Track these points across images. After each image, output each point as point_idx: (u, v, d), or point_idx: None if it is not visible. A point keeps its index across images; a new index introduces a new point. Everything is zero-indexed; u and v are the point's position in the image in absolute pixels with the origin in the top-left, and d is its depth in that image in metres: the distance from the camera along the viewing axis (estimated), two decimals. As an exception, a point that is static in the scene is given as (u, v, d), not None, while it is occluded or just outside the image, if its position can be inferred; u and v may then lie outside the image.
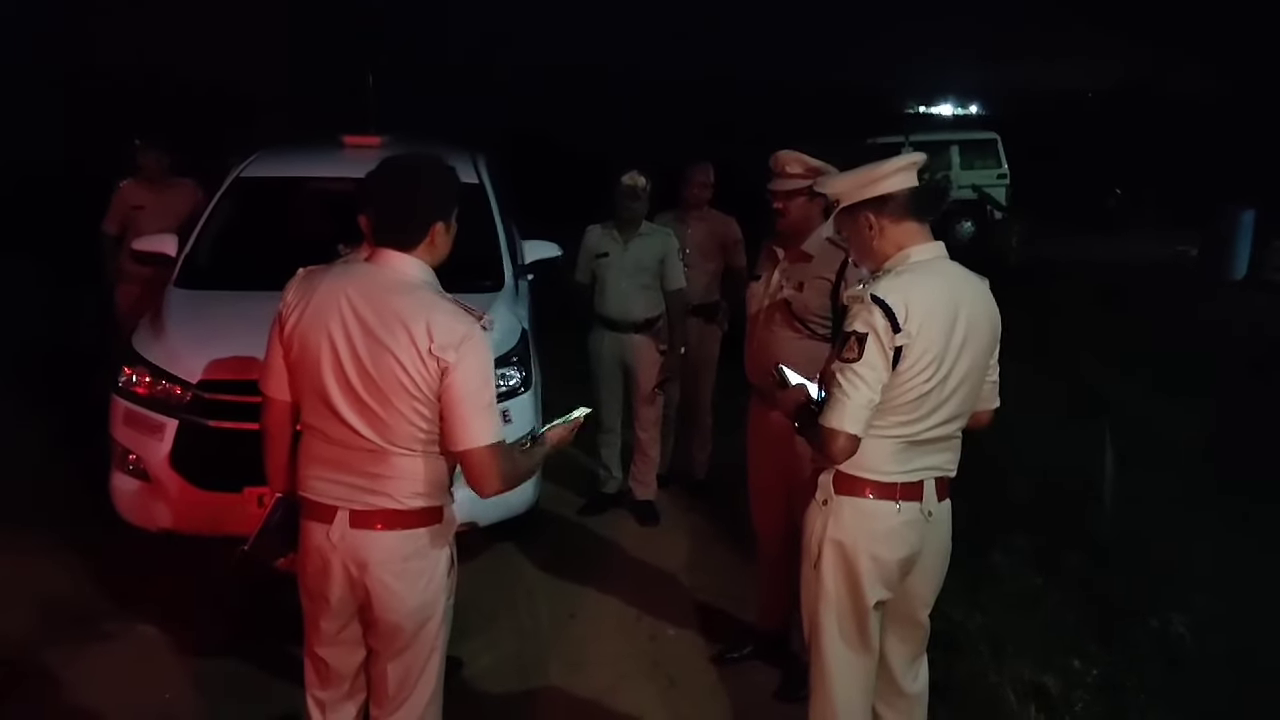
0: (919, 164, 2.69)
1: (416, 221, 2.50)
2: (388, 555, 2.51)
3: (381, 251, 2.51)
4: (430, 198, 2.54)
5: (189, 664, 4.03)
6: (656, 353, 5.34)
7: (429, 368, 2.38)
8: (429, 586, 2.58)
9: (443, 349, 2.37)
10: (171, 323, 4.61)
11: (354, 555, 2.51)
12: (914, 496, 2.67)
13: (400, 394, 2.41)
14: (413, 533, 2.52)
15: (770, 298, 3.72)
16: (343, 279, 2.49)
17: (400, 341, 2.39)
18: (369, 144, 5.98)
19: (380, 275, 2.48)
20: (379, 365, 2.40)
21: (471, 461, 2.44)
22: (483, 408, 2.43)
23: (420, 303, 2.43)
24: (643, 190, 5.22)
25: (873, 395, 2.51)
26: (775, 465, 3.84)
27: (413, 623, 2.59)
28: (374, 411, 2.43)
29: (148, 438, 4.29)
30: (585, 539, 5.27)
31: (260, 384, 2.65)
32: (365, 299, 2.44)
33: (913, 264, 2.61)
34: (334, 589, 2.57)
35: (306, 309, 2.48)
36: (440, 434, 2.45)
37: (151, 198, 6.32)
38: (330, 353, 2.44)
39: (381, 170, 2.55)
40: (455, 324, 2.41)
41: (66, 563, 4.76)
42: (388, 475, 2.48)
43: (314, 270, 2.58)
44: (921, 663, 2.95)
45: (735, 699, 3.88)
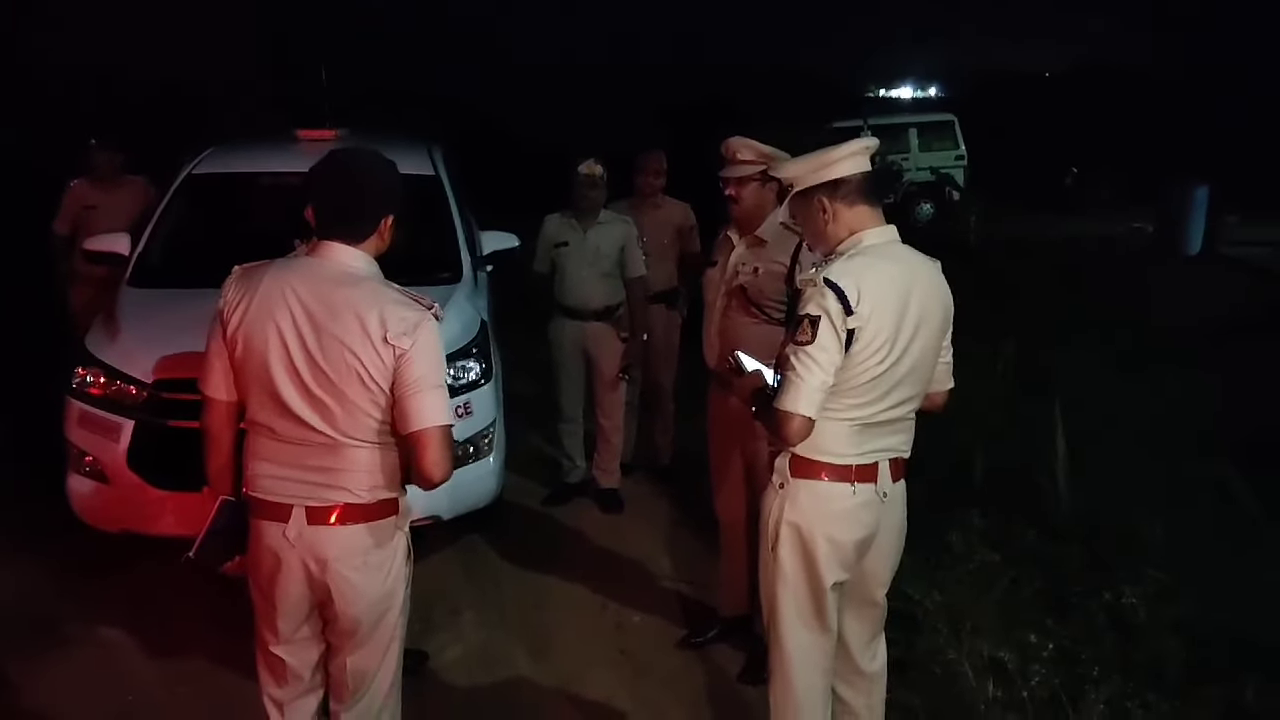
0: (871, 148, 2.72)
1: (368, 214, 2.50)
2: (348, 550, 2.50)
3: (326, 244, 2.49)
4: (380, 190, 2.54)
5: (150, 665, 4.01)
6: (618, 340, 5.35)
7: (384, 356, 2.39)
8: (389, 578, 2.58)
9: (397, 336, 2.38)
10: (125, 322, 4.56)
11: (313, 552, 2.50)
12: (869, 478, 2.70)
13: (354, 385, 2.40)
14: (372, 525, 2.52)
15: (726, 284, 3.74)
16: (285, 273, 2.47)
17: (353, 332, 2.38)
18: (324, 138, 5.93)
19: (325, 268, 2.47)
20: (331, 357, 2.40)
21: (423, 442, 2.41)
22: (434, 389, 2.43)
23: (371, 293, 2.44)
24: (600, 178, 5.22)
25: (826, 378, 2.54)
26: (735, 450, 3.88)
27: (373, 615, 2.59)
28: (327, 405, 2.42)
29: (104, 439, 4.26)
30: (550, 529, 5.28)
31: (201, 385, 2.61)
32: (312, 293, 2.43)
33: (865, 247, 2.64)
34: (292, 588, 2.55)
35: (250, 306, 2.45)
36: (393, 419, 2.45)
37: (103, 197, 6.23)
38: (279, 348, 2.42)
39: (330, 163, 2.54)
40: (407, 312, 2.42)
41: (23, 566, 4.72)
42: (343, 468, 2.47)
43: (252, 267, 2.55)
44: (879, 642, 2.99)
45: (700, 683, 3.91)
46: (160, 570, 4.56)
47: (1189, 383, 6.57)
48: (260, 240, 5.41)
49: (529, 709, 3.79)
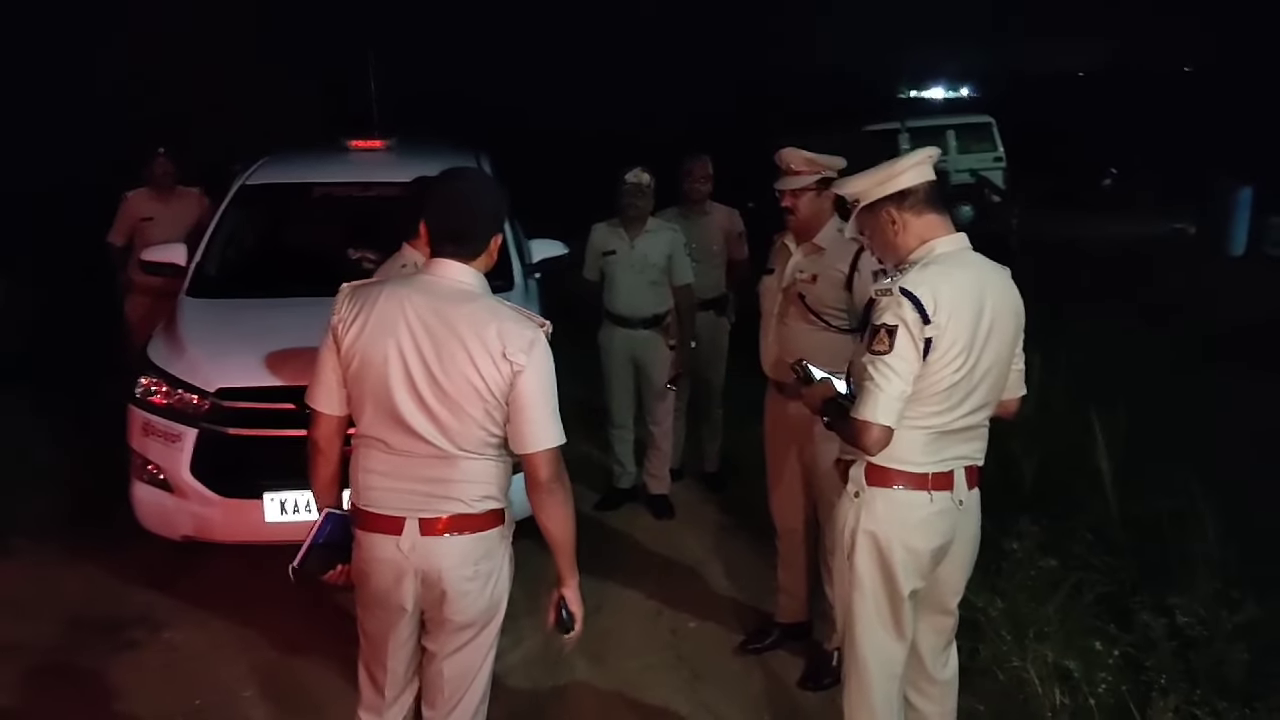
0: (934, 157, 2.73)
1: (477, 235, 2.54)
2: (461, 559, 2.55)
3: (439, 261, 2.54)
4: (491, 211, 2.59)
5: (215, 669, 4.07)
6: (666, 348, 5.37)
7: (501, 371, 2.44)
8: (496, 586, 2.64)
9: (514, 353, 2.43)
10: (186, 332, 4.64)
11: (426, 562, 2.54)
12: (945, 486, 2.71)
13: (473, 399, 2.45)
14: (483, 535, 2.57)
15: (784, 291, 3.76)
16: (402, 290, 2.52)
17: (473, 347, 2.43)
18: (374, 147, 6.00)
19: (440, 285, 2.52)
20: (450, 372, 2.44)
21: (538, 463, 2.50)
22: (550, 411, 2.50)
23: (487, 310, 2.49)
24: (647, 187, 5.23)
25: (905, 387, 2.55)
26: (792, 457, 3.89)
27: (480, 623, 2.65)
28: (442, 418, 2.47)
29: (167, 447, 4.33)
30: (603, 535, 5.30)
31: (309, 399, 2.65)
32: (430, 309, 2.47)
33: (938, 256, 2.66)
34: (406, 599, 2.59)
35: (367, 323, 2.50)
36: (508, 437, 2.51)
37: (159, 208, 6.33)
38: (399, 363, 2.46)
39: (443, 183, 2.60)
40: (523, 329, 2.47)
41: (89, 573, 4.80)
42: (455, 479, 2.52)
43: (363, 284, 2.61)
44: (951, 650, 2.99)
45: (760, 689, 3.93)
46: (222, 576, 4.66)
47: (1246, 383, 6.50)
48: (314, 250, 5.58)
49: (591, 713, 3.82)
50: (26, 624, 4.38)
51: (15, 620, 4.41)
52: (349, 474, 2.65)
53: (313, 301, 2.64)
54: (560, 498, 2.56)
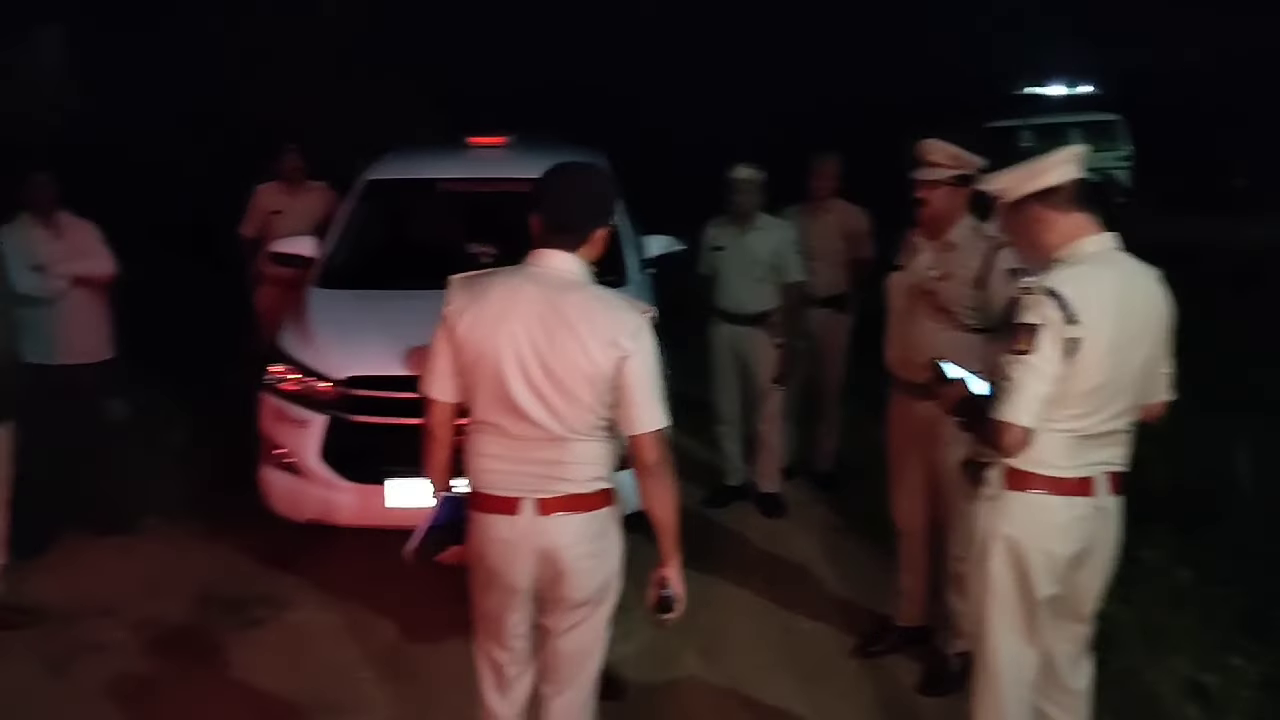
0: (1082, 155, 2.65)
1: (582, 225, 2.61)
2: (576, 537, 2.62)
3: (545, 252, 2.61)
4: (594, 203, 2.65)
5: (337, 650, 4.18)
6: (772, 346, 5.32)
7: (609, 356, 2.49)
8: (609, 564, 2.71)
9: (622, 339, 2.50)
10: (315, 322, 4.76)
11: (543, 541, 2.62)
12: (1086, 491, 2.64)
13: (582, 384, 2.51)
14: (595, 514, 2.64)
15: (913, 288, 3.69)
16: (515, 281, 2.59)
17: (583, 334, 2.50)
18: (494, 144, 6.09)
19: (548, 276, 2.58)
20: (561, 358, 2.51)
21: (644, 444, 2.56)
22: (655, 394, 2.57)
23: (595, 297, 2.56)
24: (752, 183, 5.21)
25: (1046, 388, 2.49)
26: (916, 458, 3.82)
27: (595, 600, 2.71)
28: (556, 403, 2.54)
29: (296, 432, 4.46)
30: (712, 531, 5.28)
31: (423, 387, 2.73)
32: (540, 298, 2.54)
33: (1085, 255, 2.59)
34: (523, 578, 2.67)
35: (480, 313, 2.57)
36: (616, 419, 2.57)
37: (289, 201, 6.51)
38: (511, 351, 2.53)
39: (552, 176, 2.67)
40: (629, 315, 2.55)
41: (217, 552, 4.99)
42: (567, 461, 2.59)
43: (473, 276, 2.67)
44: (1086, 659, 2.91)
45: (876, 693, 3.87)
46: (345, 560, 4.78)
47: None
48: (435, 244, 5.69)
49: (704, 709, 3.81)
50: (159, 600, 4.57)
51: (149, 596, 4.60)
52: (464, 459, 2.73)
53: (435, 294, 2.72)
54: (665, 479, 2.62)
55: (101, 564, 4.89)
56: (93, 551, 5.00)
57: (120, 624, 4.36)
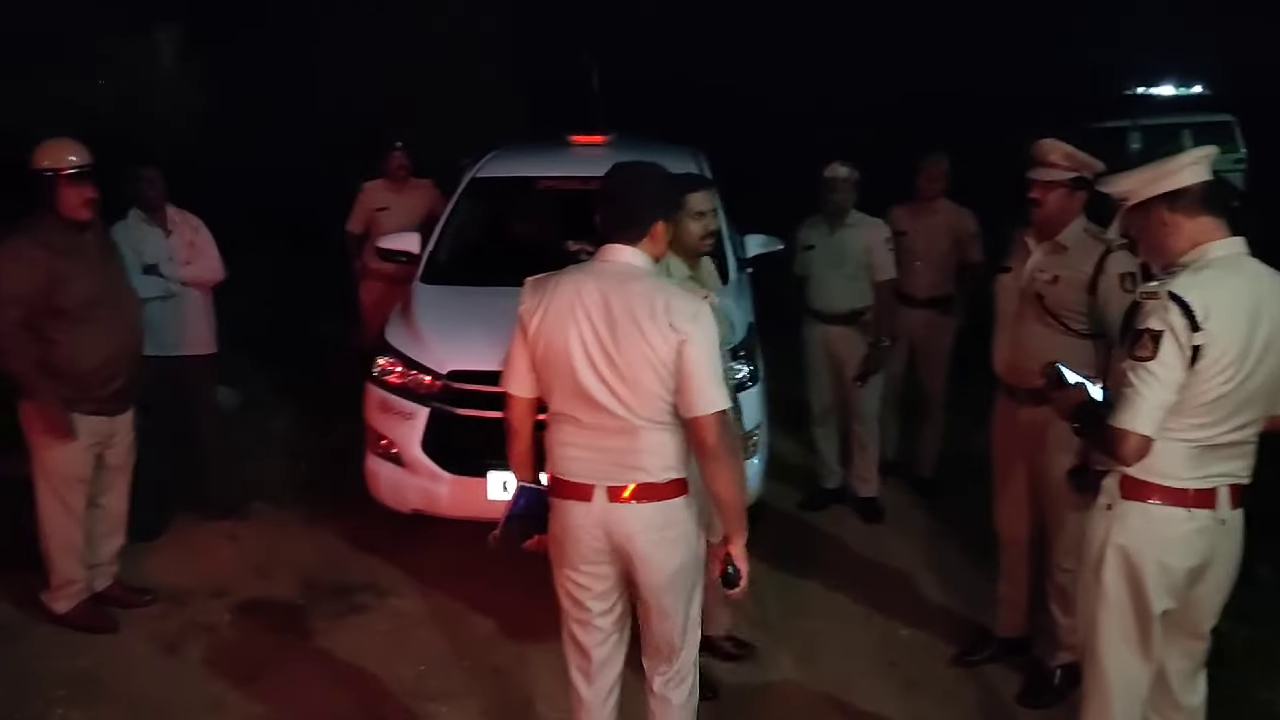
0: (1211, 156, 2.57)
1: (641, 220, 2.73)
2: (646, 525, 2.72)
3: (609, 246, 2.73)
4: (653, 200, 2.76)
5: (437, 637, 4.27)
6: (863, 344, 5.27)
7: (669, 340, 2.58)
8: (685, 551, 2.78)
9: (680, 323, 2.58)
10: (421, 316, 4.86)
11: (615, 527, 2.72)
12: (1206, 504, 2.57)
13: (647, 371, 2.61)
14: (667, 503, 2.73)
15: (1022, 291, 3.62)
16: (578, 277, 2.71)
17: (643, 321, 2.59)
18: (595, 142, 6.14)
19: (610, 268, 2.71)
20: (626, 348, 2.61)
21: (704, 426, 2.62)
22: (715, 377, 2.63)
23: (653, 286, 2.66)
24: (844, 181, 5.16)
25: (1168, 396, 2.43)
26: (1021, 465, 3.74)
27: (674, 586, 2.79)
28: (624, 392, 2.63)
29: (401, 423, 4.54)
30: (808, 535, 5.25)
31: (503, 383, 2.87)
32: (603, 290, 2.65)
33: (1211, 260, 2.52)
34: (601, 561, 2.78)
35: (549, 310, 2.69)
36: (678, 403, 2.64)
37: (394, 198, 6.65)
38: (579, 344, 2.65)
39: (612, 174, 2.79)
40: (687, 301, 2.63)
41: (322, 539, 5.13)
42: (639, 450, 2.68)
43: (543, 277, 2.79)
44: (1201, 676, 2.82)
45: (976, 702, 3.81)
46: (445, 550, 4.87)
47: None
48: (537, 241, 5.75)
49: (800, 712, 3.79)
50: (266, 584, 4.73)
51: (258, 579, 4.76)
52: (544, 449, 2.83)
53: None
54: (727, 460, 2.67)
55: (212, 548, 5.07)
56: (204, 535, 5.18)
57: (229, 606, 4.52)
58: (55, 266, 3.97)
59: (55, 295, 3.97)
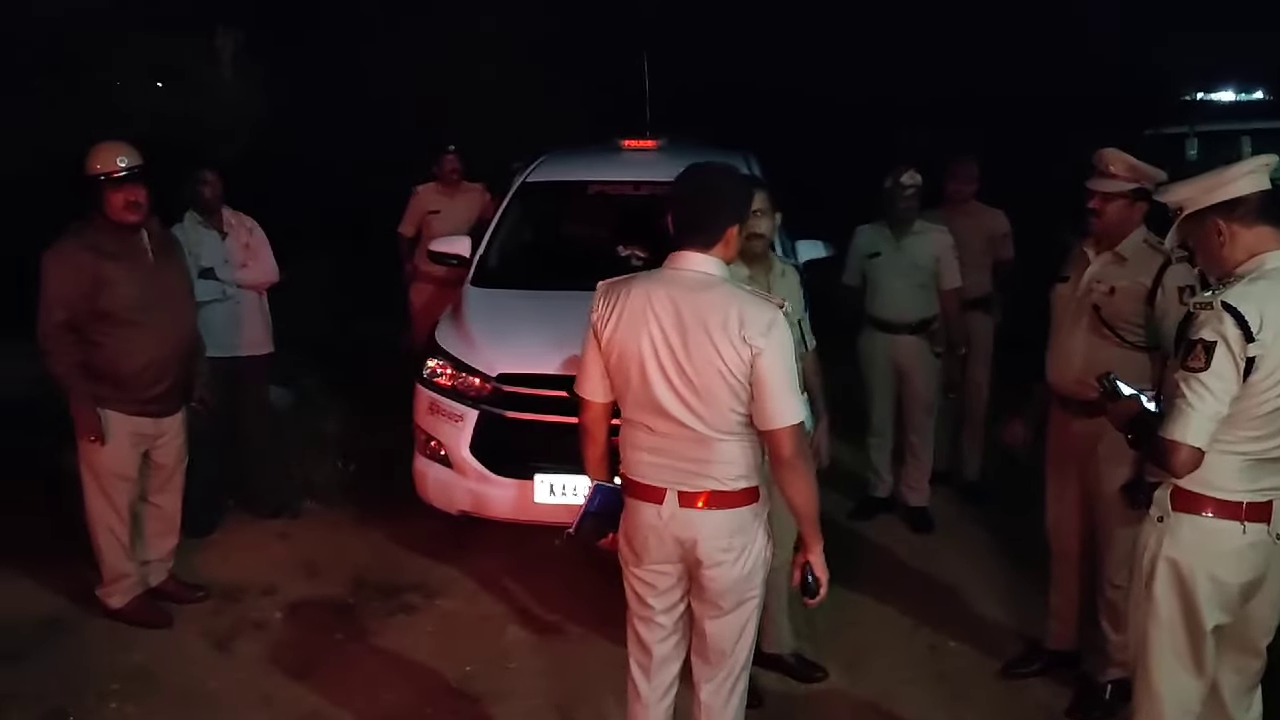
0: (1270, 165, 2.53)
1: (714, 224, 2.67)
2: (715, 532, 2.69)
3: (681, 253, 2.69)
4: (726, 203, 2.71)
5: (484, 638, 4.30)
6: (931, 355, 5.22)
7: (742, 354, 2.55)
8: (750, 560, 2.75)
9: (753, 335, 2.54)
10: (471, 319, 4.91)
11: (684, 531, 2.71)
12: (1261, 518, 2.53)
13: (718, 382, 2.58)
14: (736, 511, 2.70)
15: (1079, 302, 3.58)
16: (650, 284, 2.68)
17: (715, 332, 2.56)
18: (646, 147, 6.15)
19: (684, 276, 2.66)
20: (697, 358, 2.58)
21: (781, 439, 2.60)
22: (790, 389, 2.60)
23: (727, 295, 2.61)
24: (916, 188, 5.11)
25: (1220, 407, 2.40)
26: (1073, 477, 3.70)
27: (736, 592, 2.76)
28: (695, 403, 2.61)
29: (450, 425, 4.59)
30: (856, 544, 5.21)
31: (577, 388, 2.87)
32: (675, 299, 2.62)
33: (1268, 271, 2.48)
34: (667, 562, 2.77)
35: (621, 317, 2.67)
36: (753, 415, 2.61)
37: (445, 201, 6.72)
38: (651, 354, 2.63)
39: (683, 177, 2.75)
40: (762, 312, 2.58)
41: (372, 539, 5.19)
42: (711, 460, 2.65)
43: (616, 281, 2.78)
44: (1256, 694, 2.77)
45: (1023, 715, 3.77)
46: (493, 552, 4.92)
47: None
48: (588, 246, 5.80)
49: (844, 720, 3.77)
50: (317, 582, 4.80)
51: (308, 578, 4.83)
52: (619, 451, 2.83)
53: (585, 295, 2.83)
54: (803, 471, 2.65)
55: (264, 546, 5.15)
56: (256, 533, 5.26)
57: (280, 603, 4.59)
58: (101, 270, 4.02)
59: (99, 298, 4.02)
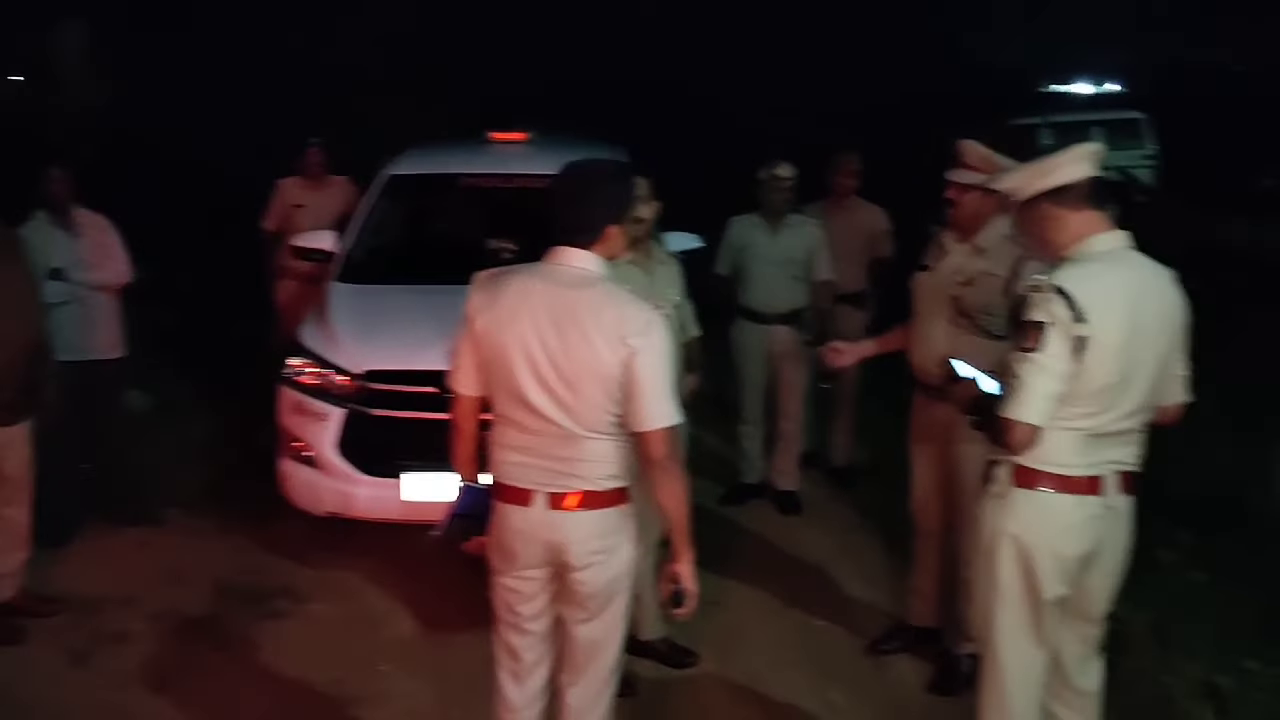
0: (1096, 153, 2.64)
1: (593, 223, 2.64)
2: (585, 534, 2.66)
3: (561, 249, 2.65)
4: (606, 202, 2.67)
5: (355, 642, 4.21)
6: (803, 345, 5.32)
7: (618, 354, 2.53)
8: (620, 560, 2.73)
9: (631, 335, 2.52)
10: (335, 316, 4.80)
11: (554, 535, 2.67)
12: (1095, 490, 2.64)
13: (592, 381, 2.55)
14: (606, 512, 2.68)
15: (939, 291, 3.67)
16: (528, 278, 2.64)
17: (591, 331, 2.53)
18: (515, 140, 6.11)
19: (563, 272, 2.62)
20: (571, 356, 2.54)
21: (653, 441, 2.58)
22: (664, 391, 2.58)
23: (605, 294, 2.58)
24: (790, 181, 5.20)
25: (1054, 386, 2.49)
26: (936, 460, 3.81)
27: (606, 593, 2.74)
28: (567, 400, 2.57)
29: (315, 425, 4.49)
30: (728, 529, 5.28)
31: (449, 381, 2.80)
32: (552, 295, 2.58)
33: (1095, 254, 2.59)
34: (537, 567, 2.73)
35: (497, 310, 2.62)
36: (626, 415, 2.59)
37: (310, 195, 6.55)
38: (524, 349, 2.58)
39: (563, 174, 2.71)
40: (639, 312, 2.57)
41: (237, 544, 5.02)
42: (581, 458, 2.62)
43: (495, 272, 2.72)
44: (1097, 661, 2.90)
45: (888, 692, 3.88)
46: (361, 553, 4.82)
47: None
48: (456, 240, 5.72)
49: (718, 706, 3.82)
50: (180, 589, 4.62)
51: (171, 586, 4.64)
52: (488, 451, 2.78)
53: (455, 289, 2.78)
54: (674, 474, 2.65)
55: (123, 555, 4.94)
56: (114, 543, 5.04)
57: (141, 614, 4.41)
58: None
59: None
